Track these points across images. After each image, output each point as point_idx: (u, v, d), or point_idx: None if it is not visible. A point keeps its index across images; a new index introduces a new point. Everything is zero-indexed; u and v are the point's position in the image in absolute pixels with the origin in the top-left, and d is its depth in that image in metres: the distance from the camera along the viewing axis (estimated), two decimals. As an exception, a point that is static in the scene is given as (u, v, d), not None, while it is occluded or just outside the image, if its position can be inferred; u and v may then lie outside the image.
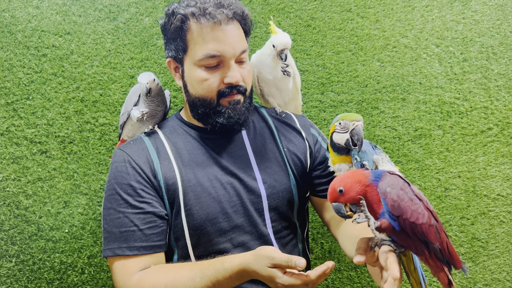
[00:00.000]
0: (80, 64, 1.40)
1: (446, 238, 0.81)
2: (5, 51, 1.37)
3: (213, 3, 0.98)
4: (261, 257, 0.83)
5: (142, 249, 0.98)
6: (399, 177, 0.82)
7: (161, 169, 1.03)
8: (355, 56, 1.50)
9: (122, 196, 1.00)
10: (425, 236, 0.78)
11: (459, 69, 1.52)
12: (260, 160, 1.09)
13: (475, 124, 1.52)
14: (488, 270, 1.51)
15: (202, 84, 1.02)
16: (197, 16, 0.98)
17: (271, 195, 1.06)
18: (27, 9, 1.38)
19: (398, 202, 0.77)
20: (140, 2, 1.43)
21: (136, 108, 1.13)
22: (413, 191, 0.81)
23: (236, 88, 1.02)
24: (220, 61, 1.00)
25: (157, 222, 1.00)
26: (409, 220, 0.77)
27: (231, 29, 0.99)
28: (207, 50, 0.98)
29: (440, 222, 0.82)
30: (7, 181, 1.35)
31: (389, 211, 0.78)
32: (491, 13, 1.53)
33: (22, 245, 1.35)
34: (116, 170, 1.03)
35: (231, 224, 1.02)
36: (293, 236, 1.11)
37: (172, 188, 1.02)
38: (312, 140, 1.17)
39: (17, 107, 1.37)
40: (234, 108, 1.03)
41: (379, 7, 1.51)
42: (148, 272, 0.97)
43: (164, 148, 1.07)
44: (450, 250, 0.81)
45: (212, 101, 1.03)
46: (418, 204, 0.79)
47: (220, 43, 0.98)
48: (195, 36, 0.99)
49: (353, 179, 0.82)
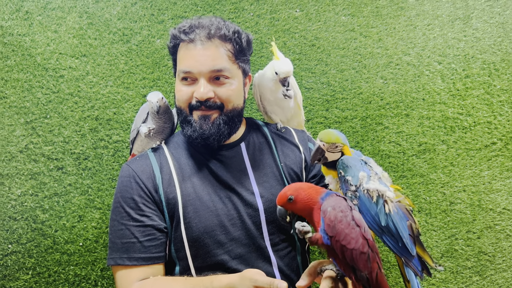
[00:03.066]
0: (95, 84, 1.47)
1: (378, 269, 0.82)
2: (25, 73, 1.44)
3: (191, 25, 1.08)
4: (245, 279, 0.89)
5: (141, 260, 1.04)
6: (344, 200, 0.85)
7: (163, 184, 1.09)
8: (359, 73, 1.54)
9: (125, 209, 1.07)
10: (353, 261, 0.80)
11: (462, 85, 1.55)
12: (258, 175, 1.13)
13: (478, 139, 1.54)
14: (496, 284, 1.51)
15: (177, 95, 1.12)
16: (178, 35, 1.09)
17: (268, 208, 1.09)
18: (46, 33, 1.46)
19: (334, 223, 0.80)
20: (151, 25, 1.50)
21: (144, 125, 1.20)
22: (353, 217, 0.82)
23: (204, 103, 1.08)
24: (193, 77, 1.08)
25: (156, 234, 1.06)
26: (341, 242, 0.80)
27: (205, 48, 1.06)
28: (181, 66, 1.09)
29: (376, 252, 0.83)
30: (25, 196, 1.41)
31: (325, 229, 0.81)
32: (492, 31, 1.56)
33: (38, 258, 1.40)
34: (121, 185, 1.10)
35: (229, 236, 1.06)
36: (291, 249, 1.13)
37: (172, 202, 1.07)
38: (309, 154, 1.21)
39: (36, 126, 1.43)
40: (202, 122, 1.09)
41: (381, 27, 1.56)
42: (145, 283, 1.03)
43: (167, 164, 1.13)
44: (379, 281, 0.82)
45: (185, 112, 1.11)
46: (355, 230, 0.81)
47: (191, 61, 1.06)
48: (180, 54, 1.11)
49: (306, 193, 0.86)
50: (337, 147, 0.97)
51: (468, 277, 1.51)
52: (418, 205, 1.52)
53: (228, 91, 1.09)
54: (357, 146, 1.52)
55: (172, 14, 1.51)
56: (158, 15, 1.50)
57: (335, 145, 0.97)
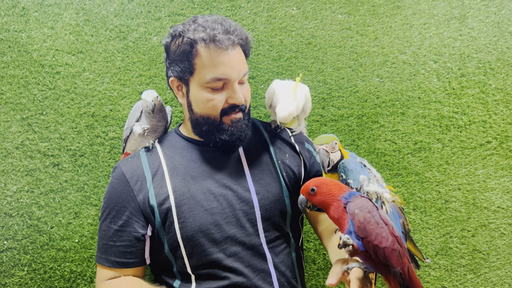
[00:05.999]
0: (91, 81, 1.47)
1: (408, 264, 0.84)
2: (21, 69, 1.44)
3: (221, 30, 1.03)
4: None
5: (115, 264, 1.08)
6: (369, 200, 0.86)
7: (154, 185, 1.09)
8: (355, 72, 1.55)
9: (110, 211, 1.10)
10: (386, 259, 0.82)
11: (457, 84, 1.56)
12: (254, 172, 1.14)
13: (474, 138, 1.55)
14: (490, 282, 1.52)
15: (207, 104, 1.07)
16: (206, 41, 1.03)
17: (264, 205, 1.10)
18: (42, 30, 1.46)
19: (364, 224, 0.82)
20: (148, 22, 1.50)
21: (138, 123, 1.20)
22: (380, 216, 0.84)
23: (238, 107, 1.08)
24: (225, 83, 1.06)
25: (132, 241, 1.08)
26: (373, 242, 0.81)
27: (235, 53, 1.05)
28: (215, 74, 1.03)
29: (404, 247, 0.86)
30: (21, 193, 1.41)
31: (355, 232, 0.83)
32: (488, 30, 1.57)
33: (34, 254, 1.40)
34: (110, 186, 1.12)
35: (224, 235, 1.06)
36: (286, 245, 1.14)
37: (164, 203, 1.07)
38: (307, 155, 1.22)
39: (32, 122, 1.43)
40: (236, 125, 1.09)
41: (377, 25, 1.56)
42: (111, 283, 1.08)
43: (160, 164, 1.12)
44: (411, 275, 0.84)
45: (216, 119, 1.09)
46: (384, 228, 0.82)
47: (227, 67, 1.04)
48: (203, 60, 1.04)
49: (329, 188, 0.88)
50: (336, 145, 1.01)
51: (462, 275, 1.52)
52: (413, 203, 1.53)
53: (247, 93, 1.12)
54: (353, 144, 1.53)
55: (169, 11, 1.51)
56: (155, 12, 1.51)
57: (333, 144, 1.00)
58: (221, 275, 1.05)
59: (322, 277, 1.50)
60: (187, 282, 1.08)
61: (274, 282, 1.07)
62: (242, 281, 1.05)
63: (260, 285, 1.05)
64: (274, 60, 1.53)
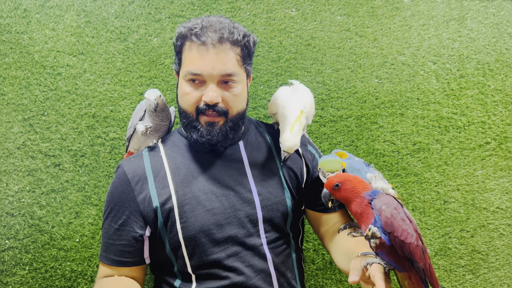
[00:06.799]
0: (92, 82, 1.48)
1: (429, 260, 0.87)
2: (23, 70, 1.46)
3: (202, 26, 1.04)
4: None
5: (114, 262, 1.09)
6: (393, 198, 0.89)
7: (155, 186, 1.10)
8: (354, 73, 1.56)
9: (111, 210, 1.11)
10: (411, 254, 0.84)
11: (456, 85, 1.56)
12: (256, 173, 1.14)
13: (473, 139, 1.55)
14: (489, 282, 1.53)
15: (184, 97, 1.09)
16: (189, 36, 1.05)
17: (265, 206, 1.10)
18: (43, 31, 1.47)
19: (391, 220, 0.84)
20: (149, 24, 1.52)
21: (141, 122, 1.20)
22: (405, 213, 0.87)
23: (212, 107, 1.06)
24: (202, 80, 1.05)
25: (130, 241, 1.09)
26: (399, 238, 0.83)
27: (218, 51, 1.04)
28: (189, 68, 1.05)
29: (424, 245, 0.88)
30: (23, 193, 1.43)
31: (382, 227, 0.85)
32: (487, 31, 1.57)
33: (35, 253, 1.41)
34: (112, 186, 1.13)
35: (225, 235, 1.07)
36: (286, 246, 1.14)
37: (166, 203, 1.08)
38: (310, 157, 1.22)
39: (33, 123, 1.45)
40: (209, 129, 1.08)
41: (376, 27, 1.57)
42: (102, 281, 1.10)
43: (162, 164, 1.13)
44: (431, 271, 0.87)
45: (192, 116, 1.09)
46: (409, 225, 0.85)
47: (202, 63, 1.03)
48: (186, 54, 1.07)
49: (352, 185, 0.91)
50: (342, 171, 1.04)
51: (461, 276, 1.52)
52: (412, 203, 1.53)
53: (233, 97, 1.08)
54: (352, 145, 1.54)
55: (169, 13, 1.52)
56: (155, 14, 1.52)
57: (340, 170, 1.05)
58: (222, 275, 1.06)
59: (321, 277, 1.51)
60: (188, 281, 1.09)
61: (274, 282, 1.08)
62: (243, 281, 1.05)
63: (260, 285, 1.06)
64: (273, 61, 1.54)
